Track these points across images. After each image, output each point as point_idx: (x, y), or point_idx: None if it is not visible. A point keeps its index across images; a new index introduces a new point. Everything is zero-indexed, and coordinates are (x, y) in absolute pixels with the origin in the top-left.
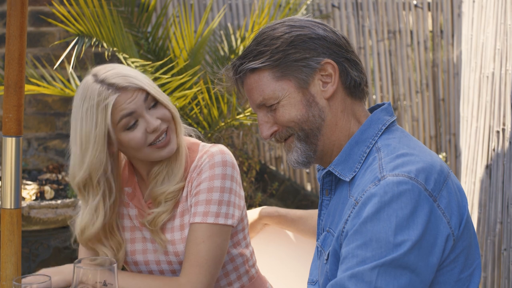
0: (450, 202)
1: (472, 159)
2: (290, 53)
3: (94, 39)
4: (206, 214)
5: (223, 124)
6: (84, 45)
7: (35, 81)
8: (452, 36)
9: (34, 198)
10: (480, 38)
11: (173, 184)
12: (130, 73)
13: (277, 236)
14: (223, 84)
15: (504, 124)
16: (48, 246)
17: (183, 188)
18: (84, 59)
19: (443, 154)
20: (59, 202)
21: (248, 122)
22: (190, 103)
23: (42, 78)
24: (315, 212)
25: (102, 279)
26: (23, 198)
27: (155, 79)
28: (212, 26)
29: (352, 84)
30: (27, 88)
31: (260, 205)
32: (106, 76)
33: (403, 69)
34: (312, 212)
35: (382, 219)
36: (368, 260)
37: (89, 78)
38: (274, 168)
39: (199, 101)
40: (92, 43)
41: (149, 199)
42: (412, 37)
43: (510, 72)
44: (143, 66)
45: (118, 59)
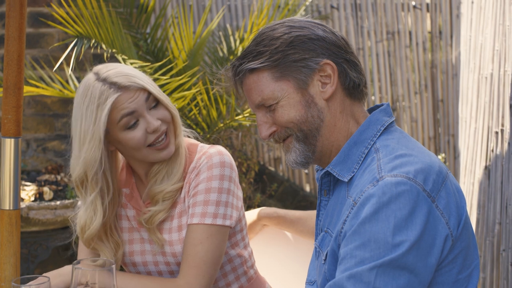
0: (448, 202)
1: (471, 160)
2: (290, 53)
3: (93, 41)
4: (204, 215)
5: (222, 125)
6: (83, 46)
7: (34, 82)
8: (451, 37)
9: (33, 199)
10: (478, 39)
11: (171, 183)
12: (132, 72)
13: (276, 237)
14: (222, 84)
15: (502, 125)
16: (47, 247)
17: (181, 189)
18: (83, 60)
19: (442, 155)
20: (58, 203)
21: (247, 123)
22: (189, 104)
23: (41, 79)
24: (314, 213)
25: (101, 280)
26: (22, 199)
27: (154, 80)
28: (211, 27)
29: (351, 85)
30: (26, 89)
31: (259, 206)
32: (108, 74)
33: (402, 70)
34: (311, 213)
35: (381, 220)
36: (367, 260)
37: (90, 76)
38: (273, 169)
39: (198, 102)
40: (91, 44)
41: (147, 200)
42: (411, 38)
43: (509, 73)
44: (142, 67)
45: (117, 61)
